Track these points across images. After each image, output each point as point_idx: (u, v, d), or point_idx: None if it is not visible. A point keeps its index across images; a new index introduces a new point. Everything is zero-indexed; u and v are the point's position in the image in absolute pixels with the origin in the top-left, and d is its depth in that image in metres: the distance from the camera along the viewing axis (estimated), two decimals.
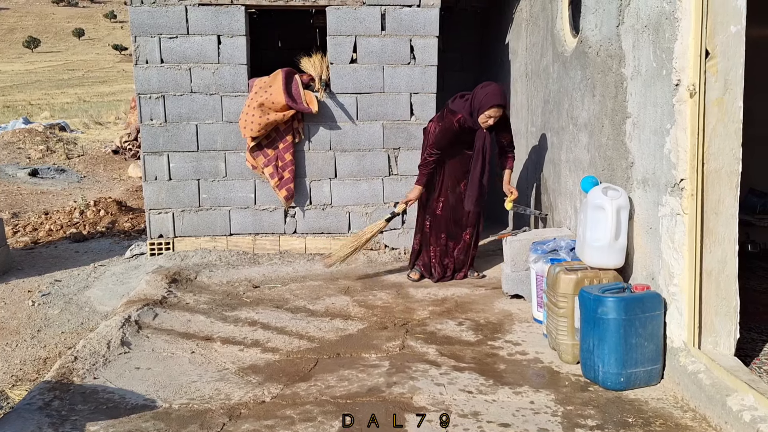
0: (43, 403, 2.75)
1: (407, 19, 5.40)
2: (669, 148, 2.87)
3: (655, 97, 2.99)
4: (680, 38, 2.76)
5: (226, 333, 3.74)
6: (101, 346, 3.39)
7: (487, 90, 4.49)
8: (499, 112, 4.48)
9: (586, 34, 3.92)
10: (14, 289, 5.08)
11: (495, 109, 4.44)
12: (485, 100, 4.44)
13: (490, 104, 4.42)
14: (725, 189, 2.76)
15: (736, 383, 2.51)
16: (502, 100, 4.45)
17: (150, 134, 5.37)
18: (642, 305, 2.87)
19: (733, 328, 2.83)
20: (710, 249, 2.79)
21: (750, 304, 3.90)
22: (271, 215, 5.55)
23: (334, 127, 5.49)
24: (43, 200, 9.47)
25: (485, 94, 4.46)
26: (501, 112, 4.48)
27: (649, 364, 2.89)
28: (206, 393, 2.92)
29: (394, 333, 3.72)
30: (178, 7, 5.25)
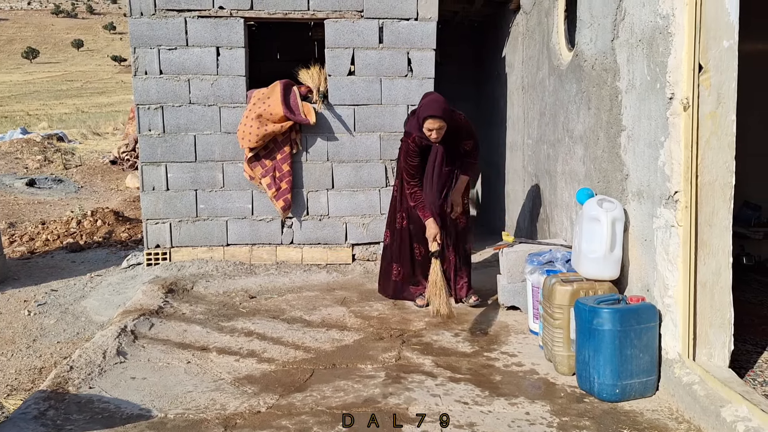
0: (38, 412, 2.75)
1: (405, 32, 5.45)
2: (663, 161, 2.90)
3: (649, 111, 3.02)
4: (674, 52, 2.79)
5: (222, 343, 3.74)
6: (97, 355, 3.39)
7: (423, 102, 4.22)
8: (437, 123, 4.06)
9: (582, 48, 3.96)
10: (10, 298, 5.07)
11: (431, 120, 4.06)
12: (421, 112, 4.13)
13: (424, 116, 4.08)
14: (719, 201, 2.79)
15: (730, 394, 2.52)
16: (437, 110, 4.06)
17: (148, 145, 5.39)
18: (637, 317, 2.88)
19: (728, 339, 2.84)
20: (704, 261, 2.81)
21: (745, 316, 3.93)
22: (268, 226, 5.56)
23: (332, 138, 5.51)
24: (40, 210, 9.47)
25: (421, 106, 4.18)
26: (439, 123, 4.06)
27: (644, 376, 2.90)
28: (202, 403, 2.91)
29: (390, 344, 3.72)
30: (177, 19, 5.29)
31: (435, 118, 4.06)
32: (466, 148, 4.40)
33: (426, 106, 4.13)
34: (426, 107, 4.11)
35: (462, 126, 4.30)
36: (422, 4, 5.44)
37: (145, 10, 5.27)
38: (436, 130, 4.09)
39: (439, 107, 4.09)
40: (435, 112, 4.06)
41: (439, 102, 4.13)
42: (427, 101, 4.18)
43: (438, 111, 4.07)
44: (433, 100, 4.17)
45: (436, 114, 4.06)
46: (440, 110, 4.07)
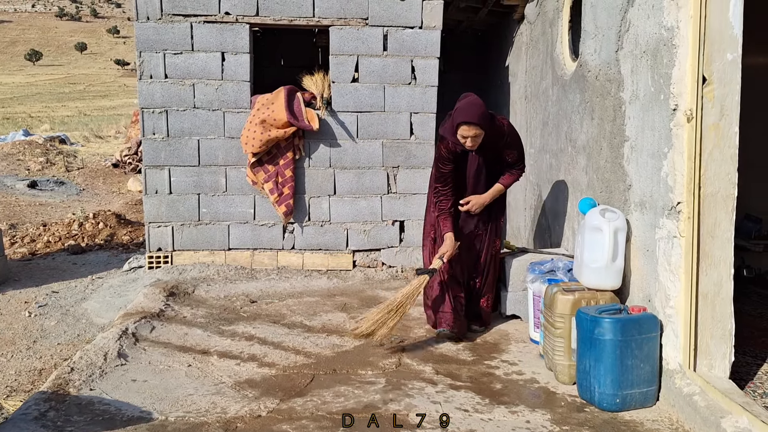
0: (38, 413, 2.75)
1: (409, 40, 5.48)
2: (666, 172, 2.91)
3: (652, 121, 3.04)
4: (678, 64, 2.81)
5: (223, 347, 3.74)
6: (98, 357, 3.39)
7: (459, 105, 3.74)
8: (472, 131, 3.64)
9: (586, 59, 3.99)
10: (11, 299, 5.08)
11: (465, 127, 3.63)
12: (455, 116, 3.71)
13: (458, 121, 3.65)
14: (721, 212, 2.80)
15: (730, 405, 2.52)
16: (472, 115, 3.61)
17: (152, 148, 5.41)
18: (638, 327, 2.89)
19: (728, 350, 2.84)
20: (706, 272, 2.82)
21: (745, 328, 3.93)
22: (270, 231, 5.57)
23: (335, 144, 5.53)
24: (41, 212, 9.47)
25: (456, 110, 3.72)
26: (475, 130, 3.64)
27: (644, 386, 2.91)
28: (202, 406, 2.92)
29: (390, 350, 3.73)
30: (183, 24, 5.31)
31: (470, 125, 3.63)
32: (509, 159, 3.94)
33: (461, 110, 3.68)
34: (461, 112, 3.67)
35: (504, 134, 3.86)
36: (427, 13, 5.47)
37: (151, 14, 5.29)
38: (471, 137, 3.67)
39: (475, 112, 3.64)
40: (470, 117, 3.62)
41: (476, 106, 3.67)
42: (463, 104, 3.72)
43: (474, 117, 3.62)
44: (469, 103, 3.70)
45: (471, 120, 3.62)
46: (476, 116, 3.62)
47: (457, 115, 3.69)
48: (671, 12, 2.84)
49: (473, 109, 3.65)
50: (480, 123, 3.64)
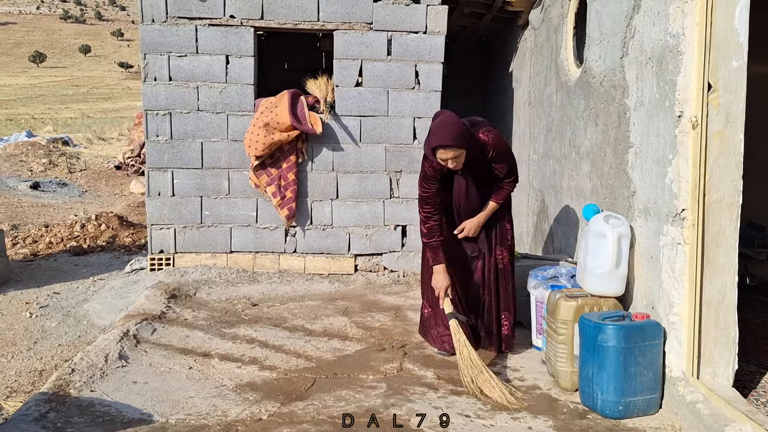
0: (39, 414, 2.74)
1: (413, 45, 5.48)
2: (671, 179, 2.91)
3: (657, 128, 3.03)
4: (683, 71, 2.81)
5: (224, 350, 3.74)
6: (99, 358, 3.38)
7: (432, 126, 3.42)
8: (450, 153, 3.28)
9: (590, 65, 3.99)
10: (12, 300, 5.07)
11: (442, 151, 3.28)
12: (428, 141, 3.38)
13: (431, 146, 3.31)
14: (726, 220, 2.79)
15: (734, 414, 2.51)
16: (446, 138, 3.25)
17: (155, 150, 5.41)
18: (642, 334, 2.88)
19: (732, 358, 2.83)
20: (710, 279, 2.81)
21: (748, 337, 3.92)
22: (272, 234, 5.57)
23: (338, 148, 5.53)
24: (43, 213, 9.49)
25: (430, 133, 3.39)
26: (453, 152, 3.28)
27: (647, 393, 2.89)
28: (203, 409, 2.90)
29: (392, 355, 3.72)
30: (188, 26, 5.33)
31: (446, 148, 3.28)
32: (498, 173, 3.58)
33: (435, 132, 3.34)
34: (435, 134, 3.33)
35: (490, 147, 3.47)
36: (431, 18, 5.48)
37: (156, 17, 5.31)
38: (452, 159, 3.32)
39: (449, 133, 3.27)
40: (444, 141, 3.27)
41: (450, 125, 3.31)
42: (435, 126, 3.38)
43: (448, 139, 3.26)
44: (442, 123, 3.35)
45: (445, 143, 3.27)
46: (451, 137, 3.26)
47: (431, 138, 3.34)
48: (677, 19, 2.84)
49: (447, 129, 3.30)
50: (456, 144, 3.28)
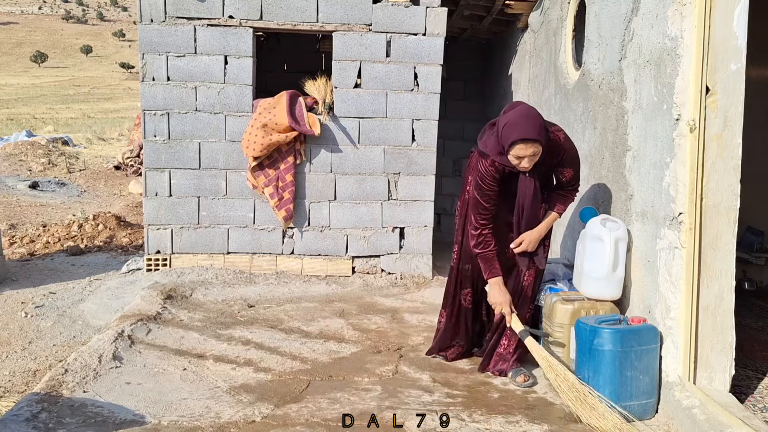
0: (30, 414, 2.72)
1: (412, 46, 5.47)
2: (668, 182, 2.89)
3: (655, 131, 3.02)
4: (681, 74, 2.80)
5: (219, 351, 3.72)
6: (93, 359, 3.36)
7: (508, 118, 3.02)
8: (530, 149, 2.95)
9: (589, 68, 3.97)
10: (7, 300, 5.05)
11: (522, 146, 2.94)
12: (506, 132, 2.98)
13: (513, 139, 2.94)
14: (723, 224, 2.78)
15: (730, 419, 2.49)
16: (530, 131, 2.93)
17: (153, 150, 5.40)
18: (638, 338, 2.86)
19: (729, 363, 2.82)
20: (707, 284, 2.79)
21: (746, 342, 3.91)
22: (269, 235, 5.55)
23: (336, 150, 5.52)
24: (42, 213, 9.46)
25: (505, 125, 3.00)
26: (534, 148, 2.96)
27: (644, 398, 2.88)
28: (196, 411, 2.89)
29: (387, 357, 3.70)
30: (187, 26, 5.31)
31: (528, 142, 2.93)
32: (563, 178, 3.25)
33: (515, 124, 2.96)
34: (515, 126, 2.95)
35: (559, 148, 3.15)
36: (431, 20, 5.47)
37: (155, 16, 5.30)
38: (529, 157, 2.98)
39: (534, 127, 2.95)
40: (528, 134, 2.92)
41: (533, 117, 2.99)
42: (515, 117, 3.00)
43: (532, 132, 2.93)
44: (524, 115, 3.00)
45: (530, 137, 2.92)
46: (536, 131, 2.94)
47: (510, 131, 2.95)
48: (675, 22, 2.83)
49: (530, 121, 2.96)
50: (540, 139, 2.95)
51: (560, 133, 3.20)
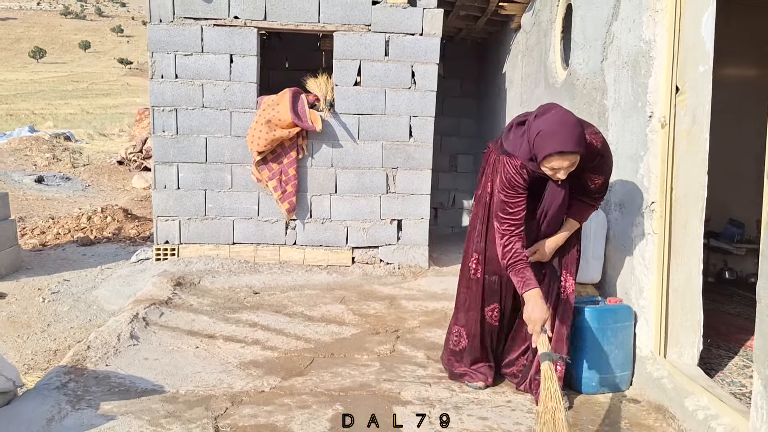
0: (60, 383, 2.99)
1: (410, 46, 5.73)
2: (642, 174, 3.16)
3: (631, 127, 3.28)
4: (654, 75, 3.06)
5: (228, 332, 3.98)
6: (112, 337, 3.62)
7: (542, 125, 2.67)
8: (569, 160, 2.65)
9: (575, 68, 4.23)
10: (24, 286, 5.31)
11: (558, 158, 2.64)
12: (538, 143, 2.67)
13: (546, 152, 2.64)
14: (692, 212, 3.04)
15: (694, 387, 2.76)
16: (568, 143, 2.61)
17: (161, 145, 5.65)
18: (614, 316, 3.13)
19: (697, 339, 3.08)
20: (677, 267, 3.05)
21: (723, 326, 4.18)
22: (273, 227, 5.81)
23: (336, 145, 5.77)
24: (48, 206, 9.72)
25: (539, 133, 2.66)
26: (573, 159, 2.65)
27: (619, 371, 3.14)
28: (210, 382, 3.15)
29: (385, 338, 3.96)
30: (194, 26, 5.56)
31: (566, 155, 2.64)
32: (592, 184, 2.95)
33: (551, 134, 2.63)
34: (550, 137, 2.63)
35: (595, 153, 2.85)
36: (427, 21, 5.72)
37: (164, 17, 5.54)
38: (565, 169, 2.69)
39: (572, 137, 2.62)
40: (567, 146, 2.61)
41: (572, 126, 2.66)
42: (551, 124, 2.66)
43: (571, 144, 2.62)
44: (562, 123, 2.66)
45: (568, 149, 2.62)
46: (575, 143, 2.62)
47: (545, 142, 2.64)
48: (649, 26, 3.09)
49: (569, 131, 2.64)
50: (579, 150, 2.65)
51: (598, 137, 2.86)
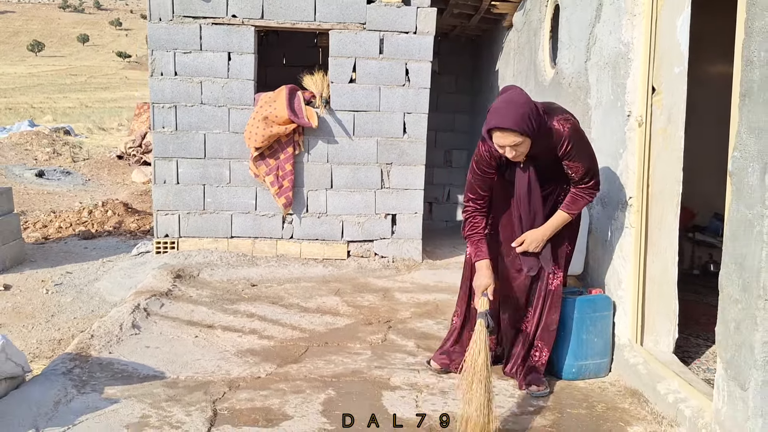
0: (66, 369, 3.14)
1: (404, 44, 5.86)
2: (621, 170, 3.31)
3: (611, 126, 3.43)
4: (632, 76, 3.21)
5: (226, 322, 4.14)
6: (114, 327, 3.78)
7: (494, 103, 2.85)
8: (509, 139, 2.75)
9: (561, 67, 4.38)
10: (28, 278, 5.46)
11: (499, 134, 2.76)
12: (487, 119, 2.80)
13: (488, 127, 2.78)
14: (667, 207, 3.19)
15: (666, 372, 2.92)
16: (505, 119, 2.72)
17: (161, 141, 5.79)
18: (593, 306, 3.28)
19: (672, 328, 3.24)
20: (653, 259, 3.21)
21: (703, 316, 4.34)
22: (270, 221, 5.96)
23: (332, 141, 5.92)
24: (49, 201, 9.85)
25: (489, 110, 2.81)
26: (513, 138, 2.75)
27: (598, 358, 3.30)
28: (209, 369, 3.31)
29: (377, 328, 4.12)
30: (193, 25, 5.69)
31: (504, 131, 2.74)
32: (572, 172, 2.98)
33: (495, 110, 2.77)
34: (495, 113, 2.76)
35: (564, 139, 2.89)
36: (421, 20, 5.86)
37: (163, 15, 5.67)
38: (510, 147, 2.78)
39: (511, 115, 2.72)
40: (503, 122, 2.73)
41: (515, 105, 2.75)
42: (498, 103, 2.80)
43: (508, 121, 2.72)
44: (506, 101, 2.78)
45: (504, 126, 2.73)
46: (512, 120, 2.71)
47: (490, 117, 2.77)
48: (628, 30, 3.24)
49: (510, 109, 2.73)
50: (518, 129, 2.72)
51: (566, 123, 2.90)
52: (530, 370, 3.16)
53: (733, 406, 2.26)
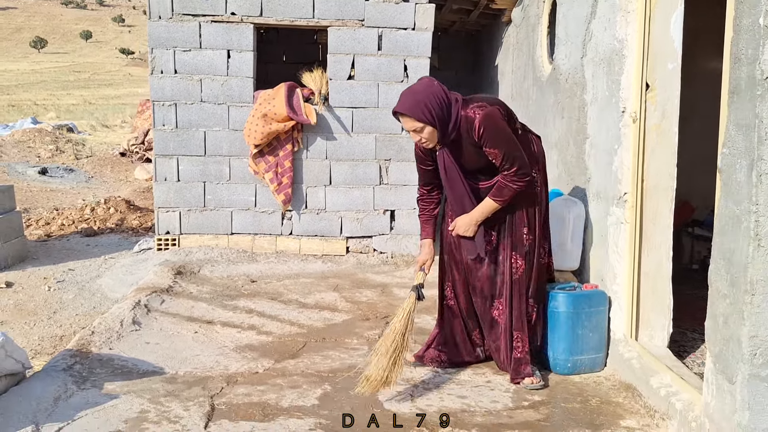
0: (66, 365, 3.18)
1: (402, 40, 5.88)
2: (616, 166, 3.32)
3: (607, 122, 3.45)
4: (626, 72, 3.22)
5: (226, 318, 4.17)
6: (115, 323, 3.82)
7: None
8: (409, 123, 2.90)
9: (558, 63, 4.39)
10: (31, 275, 5.51)
11: (402, 119, 2.94)
12: None
13: (392, 112, 2.98)
14: (662, 202, 3.21)
15: (659, 366, 2.94)
16: (401, 105, 2.90)
17: (162, 138, 5.82)
18: (589, 301, 3.31)
19: (667, 323, 3.26)
20: (648, 254, 3.23)
21: (698, 311, 4.32)
22: (270, 217, 5.99)
23: (331, 138, 5.94)
24: (52, 198, 9.90)
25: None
26: (411, 123, 2.89)
27: (593, 353, 3.33)
28: (208, 364, 3.35)
29: (375, 324, 4.15)
30: (192, 23, 5.72)
31: (403, 116, 2.91)
32: (493, 158, 3.01)
33: (399, 97, 2.96)
34: (398, 100, 2.96)
35: (473, 126, 2.94)
36: (419, 16, 5.87)
37: (163, 13, 5.70)
38: (414, 132, 2.94)
39: (408, 101, 2.88)
40: (399, 106, 2.89)
41: (414, 92, 2.91)
42: (406, 90, 2.99)
43: (403, 106, 2.88)
44: (410, 89, 2.96)
45: (399, 110, 2.90)
46: (407, 106, 2.86)
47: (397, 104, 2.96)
48: (622, 26, 3.25)
49: (408, 96, 2.90)
50: (413, 115, 2.86)
51: (480, 110, 2.94)
52: (518, 363, 3.19)
53: (721, 400, 2.28)
